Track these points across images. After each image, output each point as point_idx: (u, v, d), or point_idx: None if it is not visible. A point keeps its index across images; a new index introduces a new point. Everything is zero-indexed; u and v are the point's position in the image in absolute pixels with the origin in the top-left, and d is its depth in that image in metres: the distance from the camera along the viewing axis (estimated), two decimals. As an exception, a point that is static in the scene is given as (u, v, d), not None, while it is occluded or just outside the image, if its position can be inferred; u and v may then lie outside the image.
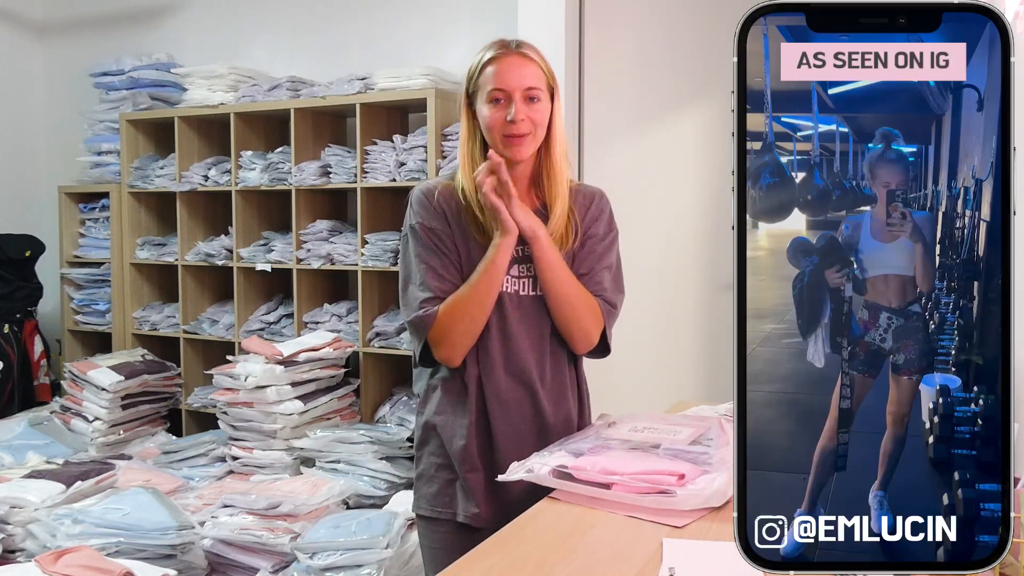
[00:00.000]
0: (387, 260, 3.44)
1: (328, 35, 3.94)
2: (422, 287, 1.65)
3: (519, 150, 1.63)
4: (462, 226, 1.67)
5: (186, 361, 3.97)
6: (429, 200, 1.68)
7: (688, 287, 3.41)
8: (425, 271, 1.65)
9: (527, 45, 1.67)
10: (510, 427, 1.67)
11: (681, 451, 1.49)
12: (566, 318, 1.67)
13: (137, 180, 4.06)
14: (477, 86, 1.66)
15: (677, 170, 3.39)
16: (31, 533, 2.69)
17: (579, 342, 1.71)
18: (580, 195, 1.74)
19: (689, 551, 1.19)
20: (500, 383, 1.67)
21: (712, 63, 3.37)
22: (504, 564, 1.17)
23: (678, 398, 2.20)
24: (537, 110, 1.63)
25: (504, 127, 1.61)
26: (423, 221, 1.67)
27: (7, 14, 4.58)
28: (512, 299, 1.67)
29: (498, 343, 1.67)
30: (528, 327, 1.68)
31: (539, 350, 1.70)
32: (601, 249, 1.74)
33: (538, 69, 1.65)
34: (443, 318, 1.62)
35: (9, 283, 4.12)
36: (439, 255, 1.66)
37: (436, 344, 1.65)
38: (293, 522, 2.65)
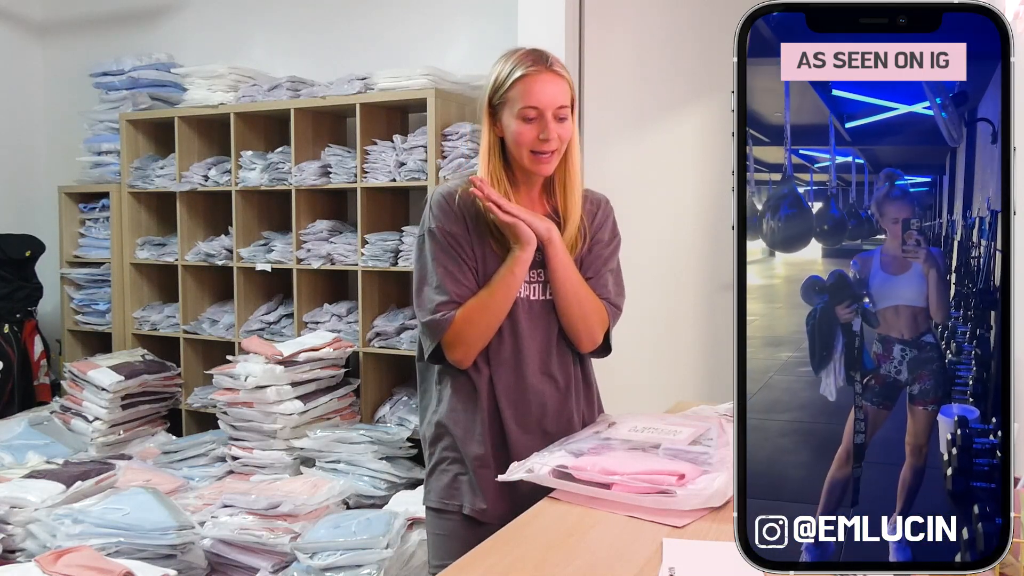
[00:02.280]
0: (387, 260, 3.44)
1: (328, 35, 3.94)
2: (438, 290, 1.69)
3: (547, 167, 1.68)
4: (480, 231, 1.70)
5: (186, 361, 3.97)
6: (449, 204, 1.70)
7: (688, 287, 3.41)
8: (443, 274, 1.69)
9: (558, 61, 1.70)
10: (520, 426, 1.72)
11: (681, 451, 1.49)
12: (575, 319, 1.73)
13: (137, 180, 4.06)
14: (505, 99, 1.67)
15: (677, 170, 3.39)
16: (31, 533, 2.69)
17: (585, 342, 1.77)
18: (588, 201, 1.79)
19: (689, 551, 1.19)
20: (511, 383, 1.72)
21: (712, 63, 3.37)
22: (504, 564, 1.17)
23: (678, 398, 2.20)
24: (566, 128, 1.68)
25: (535, 144, 1.65)
26: (442, 224, 1.70)
27: (7, 14, 4.58)
28: (524, 303, 1.72)
29: (509, 345, 1.72)
30: (538, 329, 1.74)
31: (547, 351, 1.75)
32: (607, 254, 1.80)
33: (567, 86, 1.68)
34: (460, 323, 1.67)
35: (9, 283, 4.12)
36: (456, 259, 1.69)
37: (450, 347, 1.69)
38: (293, 522, 2.65)
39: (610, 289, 1.79)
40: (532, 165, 1.68)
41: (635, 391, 3.16)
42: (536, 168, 1.68)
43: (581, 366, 1.84)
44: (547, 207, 1.77)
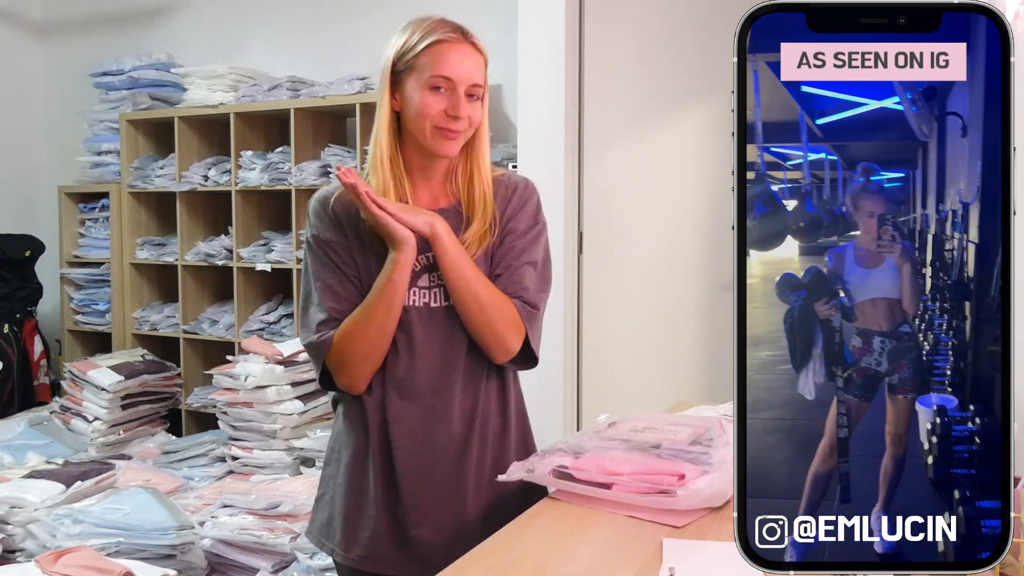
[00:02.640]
0: (387, 260, 3.44)
1: (328, 35, 3.94)
2: (319, 308, 1.47)
3: (450, 145, 1.45)
4: (361, 236, 1.47)
5: (186, 361, 3.97)
6: (324, 209, 1.50)
7: (688, 287, 3.41)
8: (322, 289, 1.47)
9: (478, 38, 1.50)
10: (415, 458, 1.48)
11: (681, 451, 1.49)
12: (477, 323, 1.46)
13: (137, 180, 4.06)
14: (412, 64, 1.44)
15: (677, 170, 3.39)
16: (31, 533, 2.69)
17: (495, 350, 1.49)
18: (501, 187, 1.54)
19: (689, 551, 1.19)
20: (404, 408, 1.48)
21: (712, 63, 3.37)
22: (504, 564, 1.17)
23: (678, 398, 2.20)
24: (476, 109, 1.47)
25: (441, 119, 1.43)
26: (318, 233, 1.49)
27: (7, 14, 4.58)
28: (421, 312, 1.48)
29: (404, 363, 1.47)
30: (439, 342, 1.49)
31: (452, 367, 1.49)
32: (522, 245, 1.53)
33: (484, 65, 1.49)
34: (339, 343, 1.44)
35: (9, 283, 4.13)
36: (335, 271, 1.47)
37: (335, 371, 1.46)
38: (293, 522, 2.65)
39: (527, 285, 1.51)
40: (434, 143, 1.44)
41: (635, 391, 3.16)
42: (438, 147, 1.45)
43: (500, 382, 1.56)
44: (451, 199, 1.52)
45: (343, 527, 1.50)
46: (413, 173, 1.51)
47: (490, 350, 1.49)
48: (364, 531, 1.48)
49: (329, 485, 1.55)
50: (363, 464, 1.50)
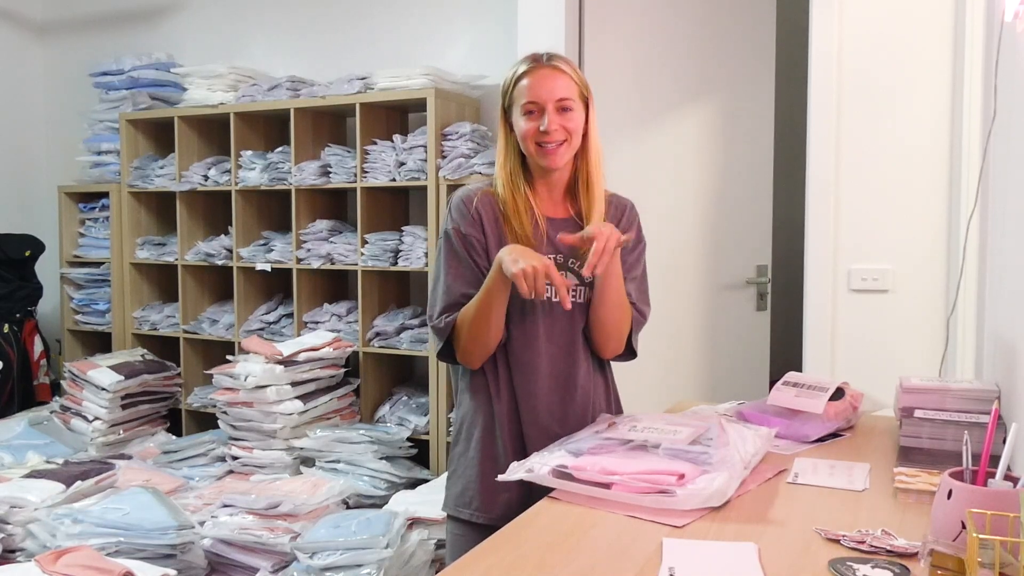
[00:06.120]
0: (387, 260, 3.44)
1: (328, 35, 3.94)
2: (446, 294, 1.72)
3: (554, 158, 1.70)
4: (497, 235, 1.72)
5: (186, 361, 3.97)
6: (467, 206, 1.74)
7: (688, 287, 3.41)
8: (452, 278, 1.72)
9: (558, 57, 1.72)
10: (540, 431, 1.71)
11: (681, 451, 1.49)
12: (612, 324, 1.73)
13: (137, 180, 4.06)
14: (512, 99, 1.73)
15: (677, 170, 3.39)
16: (31, 533, 2.69)
17: (611, 347, 1.77)
18: (612, 206, 1.81)
19: (689, 551, 1.19)
20: (531, 388, 1.72)
21: (711, 65, 3.37)
22: (504, 564, 1.17)
23: (678, 398, 2.20)
24: (570, 119, 1.69)
25: (537, 136, 1.68)
26: (458, 226, 1.73)
27: (7, 14, 4.58)
28: (544, 306, 1.72)
29: (530, 349, 1.72)
30: (558, 333, 1.73)
31: (570, 355, 1.74)
32: (631, 260, 1.81)
33: (569, 80, 1.70)
34: (458, 329, 1.70)
35: (9, 283, 4.12)
36: (467, 262, 1.71)
37: (457, 350, 1.73)
38: (293, 522, 2.65)
39: (632, 296, 1.79)
40: (539, 157, 1.70)
41: (635, 391, 3.16)
42: (543, 159, 1.70)
43: (603, 371, 1.84)
44: (570, 210, 1.78)
45: (480, 494, 1.73)
46: (536, 186, 1.77)
47: (608, 346, 1.77)
48: (502, 494, 1.70)
49: (460, 462, 1.78)
50: (491, 439, 1.73)
